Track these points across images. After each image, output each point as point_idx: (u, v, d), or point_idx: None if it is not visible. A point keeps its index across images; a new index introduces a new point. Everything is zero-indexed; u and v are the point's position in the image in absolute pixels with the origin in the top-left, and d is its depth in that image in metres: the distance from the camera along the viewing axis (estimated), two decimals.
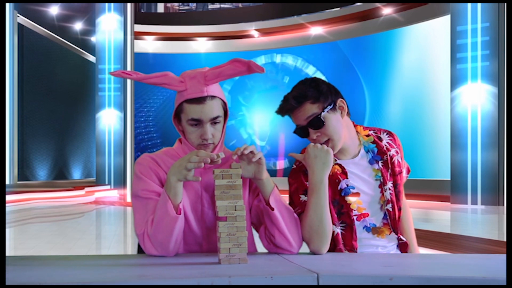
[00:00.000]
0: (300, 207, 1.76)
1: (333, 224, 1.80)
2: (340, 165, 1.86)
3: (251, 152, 1.57)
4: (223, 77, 1.61)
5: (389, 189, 1.88)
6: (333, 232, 1.79)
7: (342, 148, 1.85)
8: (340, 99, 1.84)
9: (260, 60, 18.46)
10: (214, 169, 1.53)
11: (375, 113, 15.93)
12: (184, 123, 1.66)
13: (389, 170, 1.89)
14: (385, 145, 1.93)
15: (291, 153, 1.80)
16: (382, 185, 1.88)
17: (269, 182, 1.63)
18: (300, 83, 1.83)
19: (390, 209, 1.87)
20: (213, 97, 1.62)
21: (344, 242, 1.82)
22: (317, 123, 1.77)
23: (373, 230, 1.86)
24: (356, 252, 1.82)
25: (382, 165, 1.89)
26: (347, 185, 1.83)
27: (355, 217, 1.83)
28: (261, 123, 19.02)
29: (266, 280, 1.24)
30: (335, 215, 1.82)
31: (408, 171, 2.04)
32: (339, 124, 1.81)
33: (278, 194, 1.66)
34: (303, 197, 1.78)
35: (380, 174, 1.88)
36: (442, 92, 13.27)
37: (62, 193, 12.87)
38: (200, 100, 1.60)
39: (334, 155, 1.82)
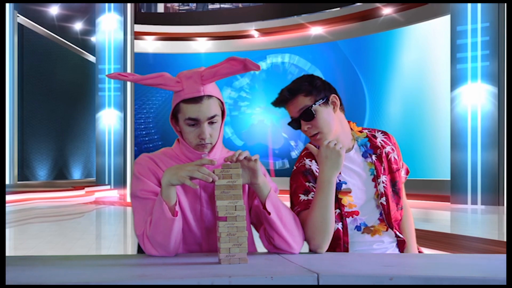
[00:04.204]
0: (299, 206, 1.79)
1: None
2: None
3: (245, 157, 1.57)
4: (220, 76, 1.61)
5: (383, 182, 1.90)
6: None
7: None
8: (333, 95, 1.89)
9: (262, 60, 18.47)
10: (214, 169, 1.53)
11: (375, 113, 15.93)
12: (181, 123, 1.65)
13: (383, 165, 1.92)
14: (380, 142, 1.97)
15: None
16: (375, 179, 1.90)
17: (265, 186, 1.63)
18: (297, 78, 1.92)
19: (384, 203, 1.89)
20: (210, 96, 1.61)
21: (343, 238, 1.86)
22: (308, 115, 1.84)
23: (366, 229, 1.88)
24: (347, 247, 1.85)
25: (375, 159, 1.92)
26: (339, 180, 1.86)
27: (345, 213, 1.86)
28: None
29: (266, 280, 1.24)
30: (336, 210, 1.84)
31: (407, 172, 2.07)
32: (330, 118, 1.86)
33: (275, 197, 1.65)
34: (302, 197, 1.81)
35: (373, 168, 1.91)
36: (442, 92, 13.28)
37: (62, 193, 12.87)
38: (197, 99, 1.60)
39: None
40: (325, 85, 1.89)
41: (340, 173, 1.87)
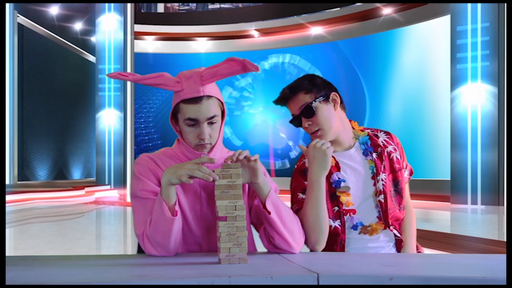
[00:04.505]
0: (297, 204, 1.85)
1: (330, 218, 1.86)
2: (333, 158, 1.92)
3: (245, 157, 1.57)
4: (219, 77, 1.61)
5: (382, 180, 1.91)
6: (330, 226, 1.86)
7: (336, 139, 1.93)
8: (334, 93, 1.92)
9: (263, 60, 18.46)
10: (214, 169, 1.53)
11: (375, 113, 15.93)
12: (181, 123, 1.66)
13: (383, 163, 1.93)
14: (382, 141, 1.98)
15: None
16: (375, 176, 1.91)
17: (265, 185, 1.62)
18: (299, 77, 1.96)
19: (382, 200, 1.90)
20: (209, 96, 1.62)
21: (341, 235, 1.89)
22: (308, 112, 1.87)
23: (363, 229, 1.89)
24: (344, 244, 1.88)
25: (376, 157, 1.93)
26: (339, 178, 1.89)
27: (343, 211, 1.88)
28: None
29: (266, 280, 1.24)
30: (332, 208, 1.88)
31: (411, 173, 2.07)
32: (330, 115, 1.90)
33: (276, 196, 1.65)
34: (300, 195, 1.86)
35: (373, 165, 1.92)
36: (442, 92, 13.27)
37: (62, 193, 12.86)
38: (197, 100, 1.60)
39: None
40: (326, 84, 1.93)
41: (339, 171, 1.90)
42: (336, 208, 1.88)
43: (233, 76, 1.65)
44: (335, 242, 1.87)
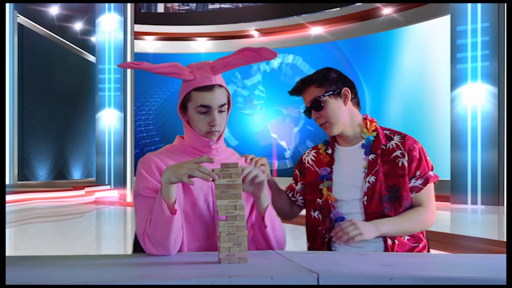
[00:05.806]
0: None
1: (311, 209, 2.00)
2: (328, 154, 2.01)
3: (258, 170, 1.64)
4: (230, 67, 1.68)
5: (369, 182, 1.91)
6: (311, 216, 1.99)
7: (342, 134, 1.99)
8: (346, 88, 1.97)
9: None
10: (213, 168, 1.53)
11: (375, 113, 15.93)
12: (191, 111, 1.70)
13: (377, 166, 1.93)
14: (392, 145, 1.97)
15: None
16: (365, 177, 1.93)
17: (265, 200, 1.69)
18: (317, 70, 2.03)
19: (365, 202, 1.91)
20: (220, 86, 1.69)
21: (320, 227, 1.96)
22: (317, 105, 1.95)
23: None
24: (323, 235, 1.94)
25: (372, 158, 1.94)
26: (325, 173, 1.98)
27: (322, 203, 1.97)
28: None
29: (266, 280, 1.24)
30: (318, 200, 1.98)
31: (425, 183, 1.95)
32: (339, 110, 1.95)
33: (273, 210, 1.72)
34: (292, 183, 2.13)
35: (366, 166, 1.94)
36: (442, 92, 13.28)
37: (62, 193, 12.86)
38: (209, 87, 1.67)
39: (333, 140, 2.03)
40: (340, 78, 1.98)
41: (330, 167, 1.98)
42: (319, 200, 1.97)
43: (245, 65, 1.71)
44: (317, 233, 1.95)
